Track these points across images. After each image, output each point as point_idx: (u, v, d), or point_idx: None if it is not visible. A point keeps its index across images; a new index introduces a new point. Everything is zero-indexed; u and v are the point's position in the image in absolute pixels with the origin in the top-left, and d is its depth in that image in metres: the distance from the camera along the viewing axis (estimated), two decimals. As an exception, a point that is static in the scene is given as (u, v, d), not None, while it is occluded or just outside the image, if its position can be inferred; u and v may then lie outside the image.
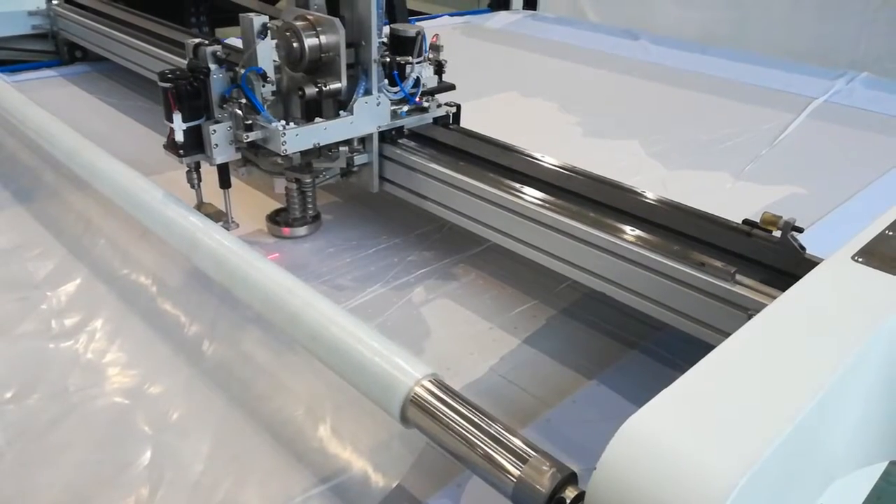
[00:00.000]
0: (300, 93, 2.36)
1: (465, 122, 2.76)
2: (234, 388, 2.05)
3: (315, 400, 1.99)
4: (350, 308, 2.33)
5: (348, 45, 2.39)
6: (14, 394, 1.98)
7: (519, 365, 2.18)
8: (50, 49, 4.74)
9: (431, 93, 2.70)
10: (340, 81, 2.41)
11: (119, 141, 3.55)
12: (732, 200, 3.24)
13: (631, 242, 2.04)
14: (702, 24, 6.16)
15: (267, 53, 2.35)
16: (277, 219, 2.80)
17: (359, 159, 2.64)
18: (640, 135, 3.95)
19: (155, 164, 3.09)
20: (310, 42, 2.35)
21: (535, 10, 7.19)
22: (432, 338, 2.30)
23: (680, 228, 2.08)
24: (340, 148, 2.55)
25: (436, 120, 2.74)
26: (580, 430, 1.92)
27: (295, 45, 2.35)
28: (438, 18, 6.65)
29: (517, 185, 2.35)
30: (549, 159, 2.47)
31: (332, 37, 2.36)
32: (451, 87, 2.77)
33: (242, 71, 2.31)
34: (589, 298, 2.45)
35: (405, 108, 2.62)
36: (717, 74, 5.19)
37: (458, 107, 2.77)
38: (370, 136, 2.61)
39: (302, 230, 2.79)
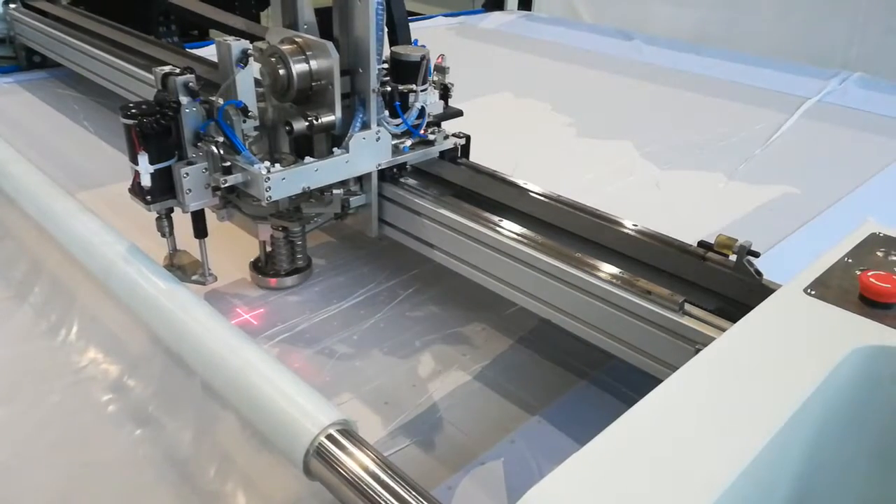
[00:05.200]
0: (288, 127, 2.10)
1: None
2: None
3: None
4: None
5: (343, 73, 2.12)
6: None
7: (461, 398, 2.06)
8: (8, 54, 4.57)
9: (437, 122, 2.42)
10: (334, 114, 2.13)
11: (70, 150, 3.51)
12: (725, 200, 3.26)
13: (578, 269, 1.92)
14: (695, 25, 6.16)
15: (248, 84, 2.09)
16: (262, 267, 2.53)
17: (355, 201, 2.34)
18: (634, 135, 3.96)
19: (102, 176, 3.08)
20: (298, 69, 2.07)
21: (529, 10, 7.21)
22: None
23: (633, 254, 1.97)
24: (335, 191, 2.26)
25: (442, 154, 2.45)
26: (516, 475, 1.80)
27: (282, 71, 2.07)
28: (433, 19, 6.66)
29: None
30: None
31: (324, 62, 2.09)
32: (459, 114, 2.50)
33: (220, 104, 2.06)
34: (542, 324, 2.30)
35: (408, 141, 2.32)
36: (710, 74, 5.23)
37: (468, 138, 2.49)
38: (368, 175, 2.32)
39: (290, 280, 2.50)
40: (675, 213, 2.34)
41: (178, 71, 2.03)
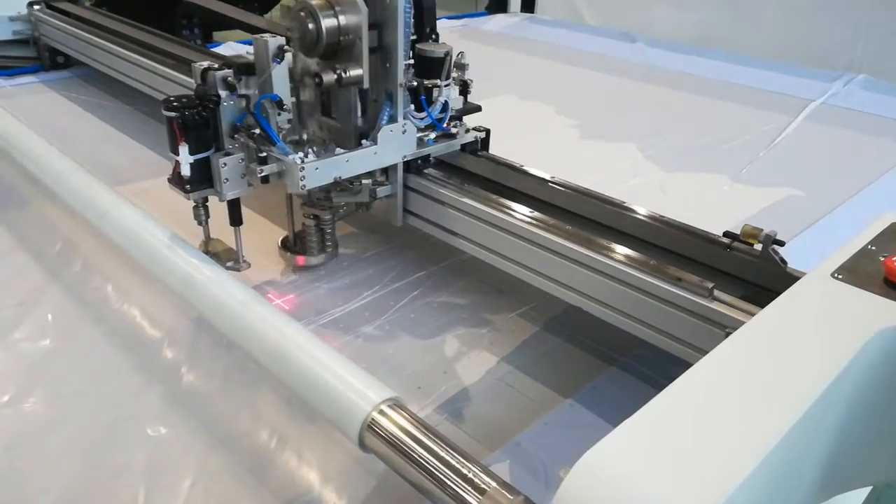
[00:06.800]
0: (317, 80, 2.09)
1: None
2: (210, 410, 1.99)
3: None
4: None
5: (371, 27, 2.13)
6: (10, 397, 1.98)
7: (493, 382, 2.12)
8: (31, 55, 4.65)
9: (458, 116, 2.52)
10: (361, 67, 2.14)
11: (96, 148, 3.56)
12: (730, 203, 3.27)
13: (606, 256, 1.98)
14: (699, 27, 6.18)
15: (283, 78, 2.18)
16: (291, 245, 2.59)
17: (381, 191, 2.44)
18: (638, 137, 3.97)
19: (128, 173, 3.18)
20: (328, 23, 2.06)
21: (532, 12, 7.25)
22: (413, 355, 2.23)
23: (658, 242, 2.02)
24: (363, 181, 2.37)
25: (464, 146, 2.55)
26: (552, 454, 1.86)
27: (311, 26, 2.06)
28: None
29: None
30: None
31: (352, 17, 2.09)
32: (478, 109, 2.59)
33: (256, 97, 2.14)
34: (569, 312, 2.36)
35: (432, 134, 2.42)
36: (714, 77, 5.24)
37: (488, 131, 2.60)
38: (394, 166, 2.41)
39: (316, 259, 2.59)
40: (680, 215, 2.33)
41: (216, 66, 2.11)
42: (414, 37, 2.28)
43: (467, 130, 2.54)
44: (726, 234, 1.92)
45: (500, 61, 5.62)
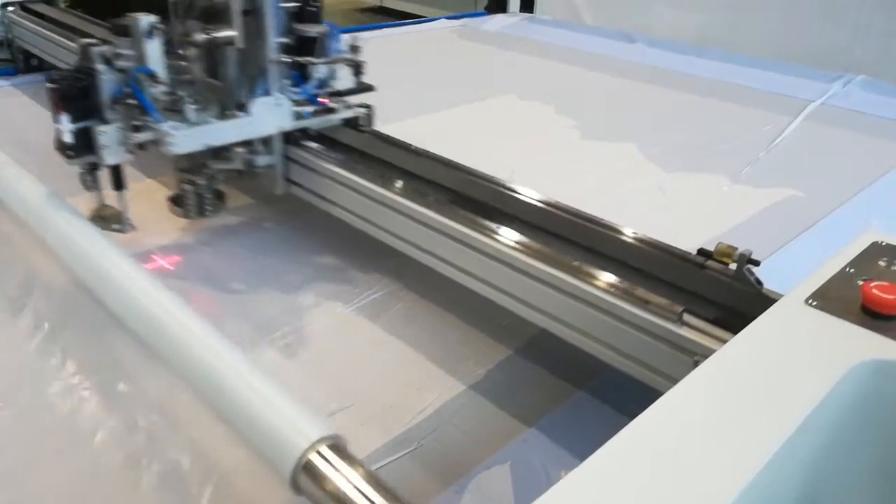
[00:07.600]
0: (188, 39, 2.31)
1: (463, 126, 2.56)
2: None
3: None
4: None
5: None
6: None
7: (457, 409, 2.01)
8: (5, 57, 4.60)
9: (342, 94, 2.66)
10: (233, 29, 2.33)
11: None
12: (729, 203, 3.23)
13: (572, 275, 1.89)
14: (698, 27, 6.14)
15: (157, 53, 2.29)
16: (179, 201, 2.72)
17: (262, 160, 2.62)
18: (637, 137, 3.93)
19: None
20: None
21: (531, 13, 7.23)
22: (353, 374, 2.16)
23: (627, 260, 1.93)
24: (237, 149, 2.51)
25: (347, 122, 2.68)
26: (514, 486, 1.74)
27: None
28: (435, 21, 6.68)
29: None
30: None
31: None
32: (369, 89, 2.71)
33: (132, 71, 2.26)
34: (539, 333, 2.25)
35: (310, 109, 2.57)
36: (713, 77, 5.21)
37: (370, 108, 2.71)
38: (274, 137, 2.59)
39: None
40: (679, 216, 2.32)
41: (96, 43, 2.26)
42: (296, 3, 2.48)
43: (348, 107, 2.67)
44: (700, 252, 1.83)
45: (500, 61, 5.61)
